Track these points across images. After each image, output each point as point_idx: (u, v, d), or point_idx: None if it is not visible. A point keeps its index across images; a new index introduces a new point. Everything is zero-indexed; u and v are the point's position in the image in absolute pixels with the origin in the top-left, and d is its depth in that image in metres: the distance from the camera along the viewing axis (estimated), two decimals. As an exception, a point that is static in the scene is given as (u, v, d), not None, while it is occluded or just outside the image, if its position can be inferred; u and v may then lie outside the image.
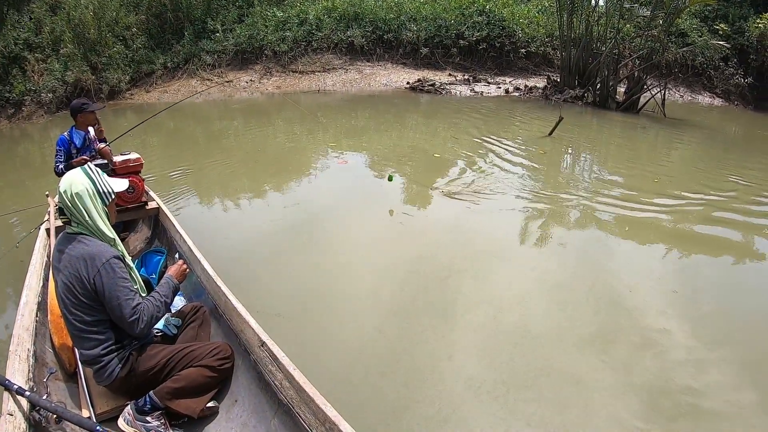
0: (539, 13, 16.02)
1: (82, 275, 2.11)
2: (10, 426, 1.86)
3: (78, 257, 2.13)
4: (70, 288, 2.13)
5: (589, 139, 7.93)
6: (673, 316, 3.24)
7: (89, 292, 2.13)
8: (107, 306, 2.15)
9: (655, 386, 2.68)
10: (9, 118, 16.65)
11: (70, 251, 2.17)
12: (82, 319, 2.16)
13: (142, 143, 10.10)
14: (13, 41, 16.84)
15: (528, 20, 15.17)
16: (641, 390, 2.65)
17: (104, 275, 2.12)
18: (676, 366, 2.81)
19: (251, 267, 4.15)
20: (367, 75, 14.66)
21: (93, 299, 2.14)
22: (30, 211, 5.66)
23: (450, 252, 4.20)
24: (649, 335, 3.05)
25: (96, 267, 2.12)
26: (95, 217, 2.22)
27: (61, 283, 2.18)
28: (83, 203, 2.18)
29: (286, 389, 2.13)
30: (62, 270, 2.17)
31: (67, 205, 2.18)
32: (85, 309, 2.15)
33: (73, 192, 2.17)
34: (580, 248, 4.22)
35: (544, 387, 2.67)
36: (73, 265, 2.13)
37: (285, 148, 8.61)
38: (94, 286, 2.12)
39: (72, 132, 4.70)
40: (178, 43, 16.64)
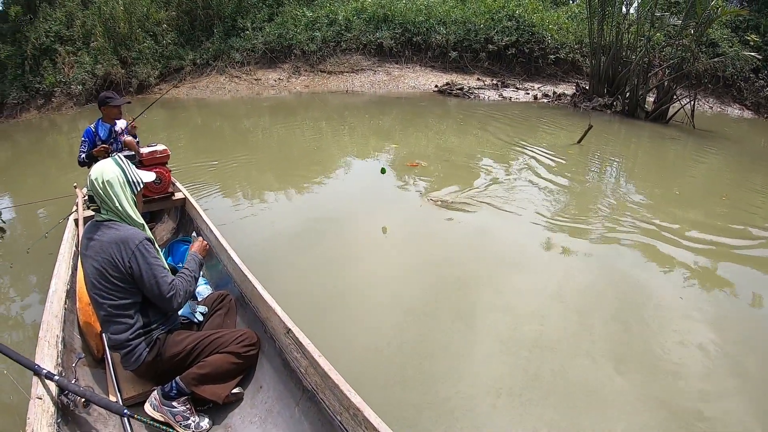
0: (569, 19, 16.38)
1: (116, 259, 2.23)
2: (39, 409, 1.94)
3: (110, 242, 2.25)
4: (102, 272, 2.24)
5: (617, 148, 8.10)
6: (694, 341, 3.24)
7: (124, 275, 2.25)
8: (145, 286, 2.28)
9: (670, 405, 2.71)
10: (39, 109, 17.50)
11: (101, 237, 2.29)
12: (113, 303, 2.27)
13: (168, 136, 10.72)
14: (45, 33, 17.68)
15: (557, 26, 15.57)
16: (656, 407, 2.69)
17: (139, 257, 2.25)
18: (693, 389, 2.83)
19: (272, 262, 4.28)
20: (395, 77, 15.24)
21: (126, 282, 2.26)
22: (57, 201, 5.98)
23: (471, 258, 4.30)
24: (668, 356, 3.07)
25: (131, 249, 2.24)
26: (125, 204, 2.35)
27: (91, 269, 2.28)
28: (114, 190, 2.31)
29: (311, 375, 2.20)
30: (93, 256, 2.28)
31: (98, 192, 2.31)
32: (116, 293, 2.27)
33: (105, 179, 2.30)
34: (604, 263, 4.22)
35: (558, 396, 2.73)
36: (106, 249, 2.25)
37: (311, 147, 8.96)
38: (130, 269, 2.24)
39: (98, 124, 4.95)
40: (207, 40, 17.34)
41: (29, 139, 14.29)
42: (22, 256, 4.87)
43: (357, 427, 1.85)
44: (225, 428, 2.38)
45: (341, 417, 1.95)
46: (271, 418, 2.32)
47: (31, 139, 14.23)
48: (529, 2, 16.51)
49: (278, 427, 2.26)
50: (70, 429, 2.10)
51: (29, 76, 17.74)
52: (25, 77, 17.82)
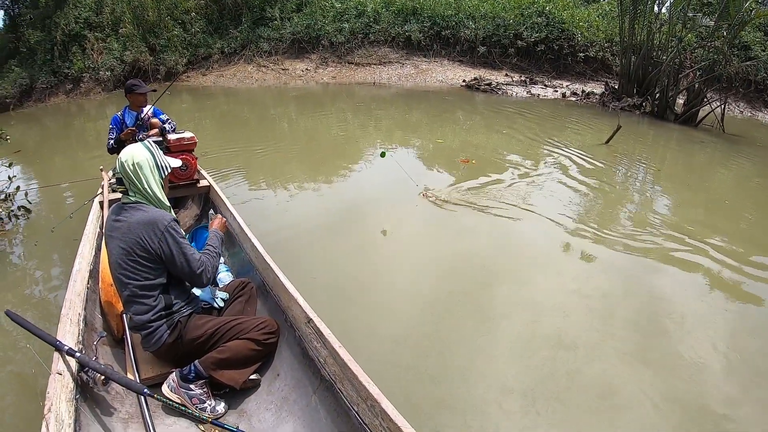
0: (599, 17, 16.45)
1: (145, 239, 2.32)
2: (58, 384, 1.98)
3: (139, 223, 2.34)
4: (129, 252, 2.33)
5: (645, 150, 8.19)
6: (716, 348, 3.23)
7: (151, 255, 2.35)
8: (175, 265, 2.39)
9: (688, 411, 2.72)
10: (67, 94, 18.05)
11: (129, 218, 2.38)
12: (137, 284, 2.36)
13: (196, 124, 11.06)
14: (74, 20, 18.19)
15: (588, 24, 15.65)
16: (673, 413, 2.70)
17: (169, 237, 2.35)
18: (712, 396, 2.83)
19: (293, 251, 4.39)
20: (423, 70, 15.52)
21: (153, 262, 2.37)
22: (82, 183, 6.15)
23: (493, 254, 4.36)
24: (689, 362, 3.07)
25: (160, 230, 2.34)
26: (153, 187, 2.46)
27: (118, 249, 2.37)
28: (143, 173, 2.42)
29: (329, 365, 2.23)
30: (120, 237, 2.37)
31: (128, 175, 2.41)
32: (142, 273, 2.36)
33: (135, 162, 2.41)
34: (627, 266, 4.22)
35: (574, 397, 2.75)
36: (134, 230, 2.33)
37: (337, 138, 9.17)
38: (160, 249, 2.35)
39: (125, 111, 5.15)
40: (235, 29, 17.75)
41: (57, 123, 14.77)
42: (46, 236, 5.10)
43: (374, 419, 1.88)
44: (240, 413, 2.44)
45: (358, 408, 1.98)
46: (287, 406, 2.36)
47: (59, 123, 14.70)
48: (559, -1, 16.64)
49: (293, 415, 2.30)
50: (88, 406, 2.18)
51: (58, 62, 18.25)
52: (54, 62, 18.33)
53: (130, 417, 2.30)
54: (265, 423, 2.33)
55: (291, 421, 2.28)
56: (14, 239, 5.19)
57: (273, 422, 2.32)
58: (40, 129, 14.31)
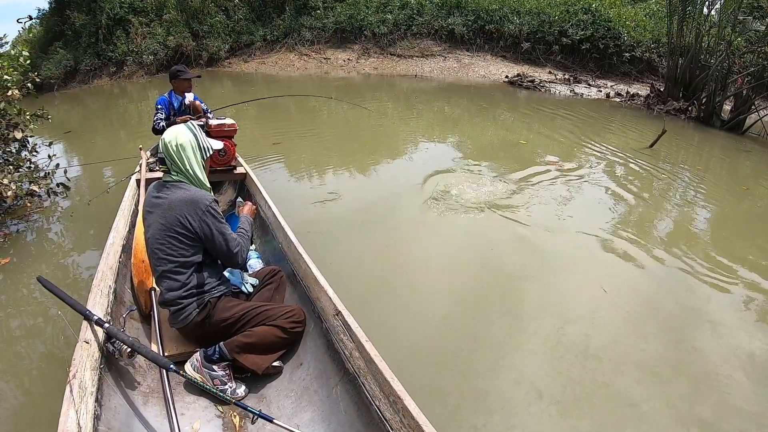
0: (647, 16, 16.57)
1: (186, 217, 2.44)
2: (84, 353, 2.06)
3: (180, 201, 2.46)
4: (168, 228, 2.46)
5: (689, 156, 8.29)
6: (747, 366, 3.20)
7: (190, 233, 2.46)
8: (214, 243, 2.52)
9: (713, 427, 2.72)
10: (110, 76, 18.95)
11: (170, 196, 2.50)
12: (173, 260, 2.48)
13: (237, 111, 11.37)
14: (119, 4, 19.00)
15: (635, 23, 15.80)
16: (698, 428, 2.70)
17: (209, 216, 2.48)
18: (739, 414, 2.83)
19: (324, 243, 4.48)
20: (465, 65, 16.00)
21: (191, 240, 2.48)
22: (121, 162, 6.53)
23: (525, 257, 4.40)
24: (718, 378, 3.05)
25: (201, 209, 2.46)
26: (195, 167, 2.58)
27: (157, 225, 2.49)
28: (186, 153, 2.55)
29: (354, 359, 2.26)
30: (160, 213, 2.49)
31: (171, 155, 2.54)
32: (179, 249, 2.48)
33: (179, 142, 2.54)
34: (661, 279, 4.17)
35: (597, 404, 2.78)
36: (175, 208, 2.45)
37: (376, 130, 9.42)
38: (200, 227, 2.47)
39: (171, 95, 5.39)
40: (278, 17, 18.41)
41: (99, 104, 15.53)
42: (83, 208, 5.49)
43: (395, 415, 1.91)
44: (260, 398, 2.51)
45: (379, 403, 2.01)
46: (307, 396, 2.41)
47: (101, 105, 15.45)
48: (606, -4, 16.79)
49: (313, 405, 2.35)
50: (112, 376, 2.26)
51: (102, 45, 19.09)
52: (99, 45, 19.18)
53: (151, 391, 2.40)
54: (283, 410, 2.39)
55: (310, 411, 2.33)
56: (51, 216, 5.49)
57: (292, 410, 2.38)
58: (82, 109, 15.11)
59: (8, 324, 3.54)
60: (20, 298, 3.88)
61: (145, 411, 2.24)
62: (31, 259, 4.54)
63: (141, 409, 2.23)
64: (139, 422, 2.17)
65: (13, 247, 4.69)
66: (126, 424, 2.10)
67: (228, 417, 2.36)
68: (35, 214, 5.41)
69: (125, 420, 2.11)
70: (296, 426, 2.06)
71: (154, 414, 2.25)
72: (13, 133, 5.28)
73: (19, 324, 3.54)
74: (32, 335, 3.42)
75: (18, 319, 3.59)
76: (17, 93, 5.12)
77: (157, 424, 2.19)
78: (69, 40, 20.07)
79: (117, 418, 2.07)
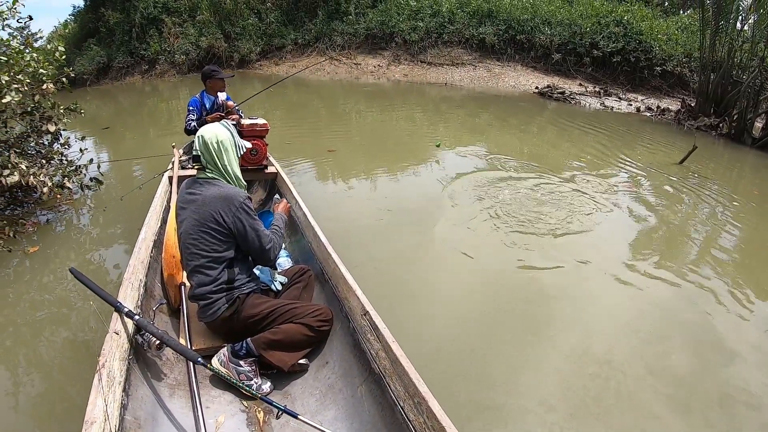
0: (679, 30, 16.58)
1: (220, 213, 2.52)
2: (114, 343, 2.13)
3: (214, 197, 2.54)
4: (201, 224, 2.54)
5: (718, 174, 8.14)
6: None
7: (224, 229, 2.53)
8: (247, 240, 2.59)
9: None
10: (142, 74, 19.67)
11: (204, 192, 2.58)
12: (206, 255, 2.56)
13: (267, 111, 11.94)
14: (153, 4, 19.68)
15: (667, 36, 15.84)
16: None
17: (243, 213, 2.55)
18: None
19: (349, 245, 4.45)
20: (495, 74, 16.31)
21: (225, 236, 2.56)
22: (152, 159, 6.75)
23: (548, 271, 4.39)
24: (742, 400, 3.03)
25: (235, 206, 2.54)
26: (233, 165, 2.71)
27: (190, 220, 2.57)
28: (225, 151, 2.66)
29: (380, 359, 2.30)
30: (194, 209, 2.57)
31: (210, 151, 2.64)
32: (212, 245, 2.55)
33: (219, 140, 2.65)
34: (685, 302, 4.11)
35: (615, 423, 2.77)
36: (209, 204, 2.53)
37: (404, 137, 9.62)
38: (233, 224, 2.54)
39: (203, 95, 5.51)
40: (310, 21, 19.00)
41: (131, 101, 16.20)
42: (115, 203, 5.69)
43: (419, 416, 1.94)
44: (284, 395, 2.55)
45: (404, 404, 2.04)
46: (332, 394, 2.45)
47: (132, 101, 16.13)
48: (638, 9, 16.94)
49: (337, 404, 2.39)
50: (139, 367, 2.33)
51: (135, 43, 19.86)
52: (132, 44, 19.95)
53: (177, 384, 2.47)
54: (307, 407, 2.43)
55: (333, 409, 2.37)
56: (81, 209, 5.71)
57: (316, 408, 2.42)
58: (115, 105, 15.78)
59: (36, 311, 3.71)
60: (48, 287, 4.06)
61: (171, 403, 2.32)
62: (59, 248, 4.75)
63: (167, 401, 2.31)
64: (165, 413, 2.24)
65: (43, 237, 4.91)
66: (152, 415, 2.18)
67: (252, 412, 2.40)
68: (65, 206, 5.66)
69: (151, 410, 2.19)
70: (319, 423, 2.09)
71: (180, 406, 2.33)
72: (47, 126, 5.45)
73: (46, 312, 3.69)
74: (58, 323, 3.56)
75: (47, 308, 3.74)
76: (52, 87, 5.25)
77: (182, 416, 2.26)
78: (103, 37, 20.89)
79: (143, 408, 2.15)
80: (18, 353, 3.25)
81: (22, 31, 6.14)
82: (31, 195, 5.45)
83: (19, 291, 4.00)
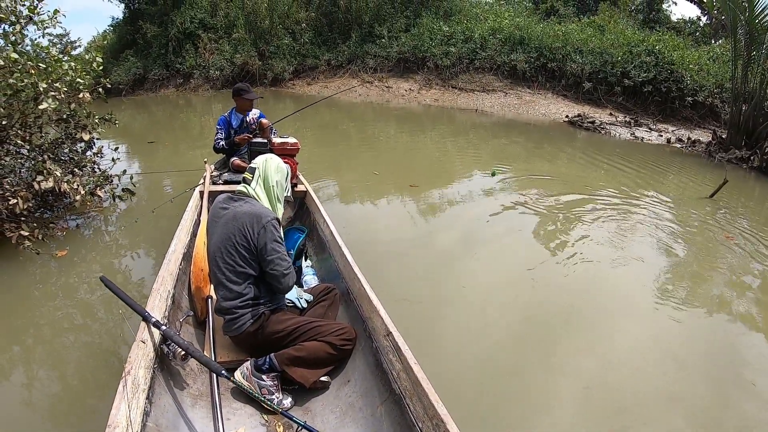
0: (710, 60, 16.62)
1: (248, 229, 2.62)
2: (140, 352, 2.20)
3: (245, 213, 2.66)
4: (231, 239, 2.64)
5: (748, 209, 8.16)
6: None
7: (250, 245, 2.62)
8: (265, 259, 2.65)
9: None
10: (177, 87, 20.38)
11: (237, 208, 2.71)
12: (233, 269, 2.65)
13: (297, 130, 12.06)
14: (190, 19, 20.44)
15: (698, 67, 15.88)
16: None
17: (268, 232, 2.64)
18: None
19: (375, 267, 4.44)
20: (526, 102, 16.54)
21: (250, 252, 2.64)
22: (184, 173, 6.85)
23: (571, 297, 4.43)
24: None
25: (261, 224, 2.63)
26: (280, 192, 2.94)
27: (221, 234, 2.68)
28: (280, 177, 2.92)
29: (402, 380, 2.32)
30: (225, 223, 2.69)
31: (269, 171, 2.88)
32: (238, 260, 2.64)
33: (281, 166, 2.93)
34: (713, 326, 4.19)
35: None
36: (239, 219, 2.65)
37: (433, 161, 9.84)
38: (256, 240, 2.62)
39: (231, 113, 5.71)
40: (343, 43, 19.61)
41: (165, 113, 16.77)
42: (147, 216, 5.79)
43: None
44: (305, 411, 2.59)
45: (423, 425, 2.07)
46: (352, 413, 2.49)
47: (166, 114, 16.69)
48: (670, 38, 17.07)
49: (356, 423, 2.42)
50: (163, 377, 2.41)
51: (171, 57, 20.59)
52: (168, 57, 20.69)
53: (200, 395, 2.53)
54: (327, 425, 2.47)
55: (353, 427, 2.41)
56: (110, 216, 5.86)
57: (335, 425, 2.45)
58: (148, 116, 16.38)
59: (61, 314, 3.81)
60: (74, 291, 4.18)
61: (192, 413, 2.38)
62: (87, 253, 4.89)
63: (188, 411, 2.37)
64: (185, 423, 2.30)
65: (71, 242, 5.05)
66: (173, 423, 2.25)
67: (272, 426, 2.44)
68: (93, 212, 5.81)
69: (173, 419, 2.26)
70: None
71: (201, 416, 2.39)
72: (81, 134, 5.55)
73: (71, 316, 3.79)
74: (82, 328, 3.64)
75: (70, 312, 3.84)
76: (88, 96, 5.33)
77: (202, 427, 2.32)
78: (140, 49, 21.72)
79: (165, 417, 2.21)
80: (39, 354, 3.38)
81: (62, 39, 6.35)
82: (62, 200, 5.57)
83: (45, 293, 4.14)
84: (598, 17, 20.22)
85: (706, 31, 24.65)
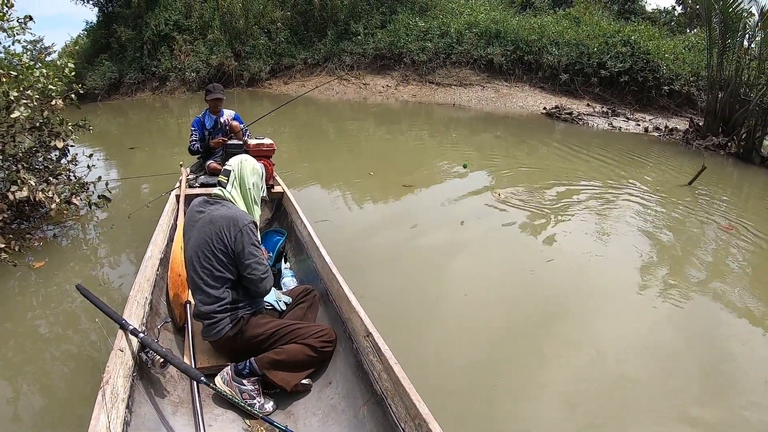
0: (686, 49, 16.79)
1: (224, 233, 2.59)
2: (118, 360, 2.17)
3: (221, 217, 2.63)
4: (207, 243, 2.60)
5: (727, 194, 8.18)
6: None
7: (227, 248, 2.60)
8: (242, 262, 2.63)
9: None
10: (153, 90, 20.15)
11: (213, 212, 2.68)
12: (210, 273, 2.62)
13: (275, 131, 11.89)
14: (164, 21, 20.16)
15: (674, 56, 16.03)
16: None
17: (245, 236, 2.61)
18: None
19: (357, 267, 4.41)
20: (503, 95, 16.57)
21: (227, 256, 2.61)
22: (160, 177, 6.79)
23: (555, 290, 4.41)
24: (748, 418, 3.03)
25: (239, 227, 2.60)
26: (257, 194, 2.94)
27: (198, 239, 2.65)
28: (256, 180, 2.92)
29: (383, 381, 2.32)
30: (201, 227, 2.65)
31: (244, 172, 2.86)
32: (216, 264, 2.60)
33: (256, 167, 2.92)
34: (697, 323, 4.10)
35: None
36: (216, 223, 2.61)
37: (413, 157, 9.78)
38: (233, 244, 2.60)
39: (205, 114, 5.65)
40: (319, 41, 19.44)
41: (141, 117, 16.45)
42: (123, 221, 5.69)
43: None
44: (287, 415, 2.58)
45: (405, 425, 2.06)
46: (334, 414, 2.48)
47: (142, 117, 16.39)
48: (645, 28, 17.22)
49: (339, 424, 2.41)
50: (143, 385, 2.38)
51: (147, 60, 20.31)
52: (143, 60, 20.40)
53: (180, 402, 2.50)
54: (310, 427, 2.46)
55: (336, 430, 2.39)
56: (87, 224, 5.75)
57: (318, 428, 2.44)
58: (125, 120, 16.10)
59: (41, 326, 3.74)
60: (53, 302, 4.09)
61: (174, 420, 2.35)
62: (65, 263, 4.79)
63: (170, 419, 2.33)
64: (167, 431, 2.27)
65: (48, 252, 4.94)
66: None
67: (255, 431, 2.43)
68: (71, 221, 5.68)
69: (154, 428, 2.23)
70: None
71: (182, 424, 2.35)
72: (55, 142, 5.44)
73: (50, 327, 3.72)
74: (62, 339, 3.58)
75: (50, 322, 3.78)
76: (60, 103, 5.28)
77: None
78: (114, 53, 21.35)
79: (146, 426, 2.18)
80: (20, 366, 3.30)
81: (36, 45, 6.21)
82: (38, 210, 5.48)
83: (23, 305, 4.07)
84: (573, 9, 20.33)
85: (681, 21, 24.88)
